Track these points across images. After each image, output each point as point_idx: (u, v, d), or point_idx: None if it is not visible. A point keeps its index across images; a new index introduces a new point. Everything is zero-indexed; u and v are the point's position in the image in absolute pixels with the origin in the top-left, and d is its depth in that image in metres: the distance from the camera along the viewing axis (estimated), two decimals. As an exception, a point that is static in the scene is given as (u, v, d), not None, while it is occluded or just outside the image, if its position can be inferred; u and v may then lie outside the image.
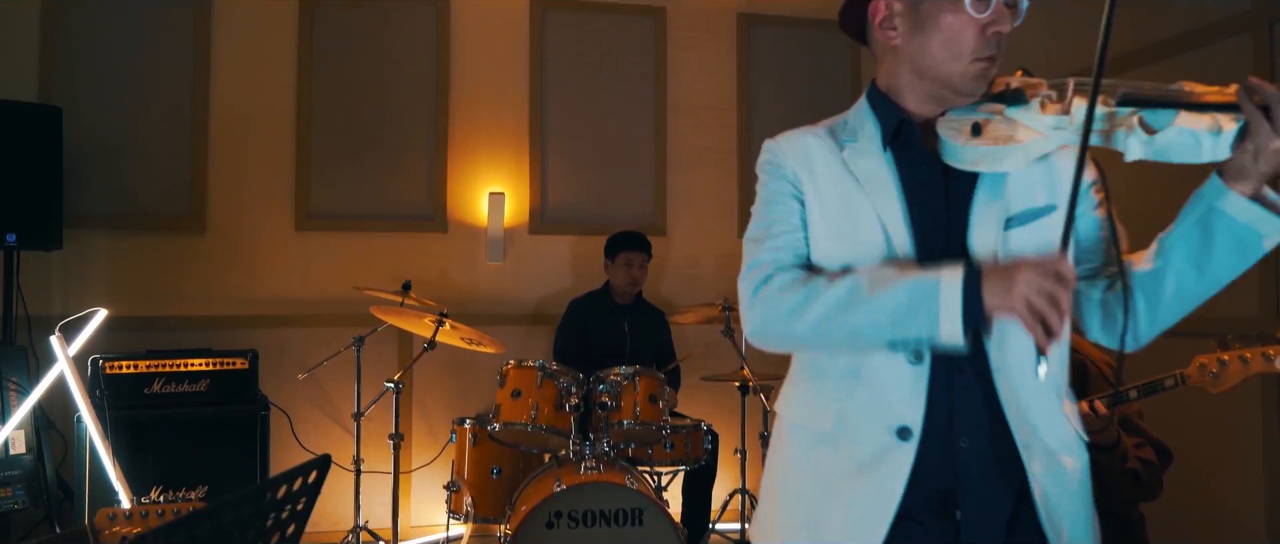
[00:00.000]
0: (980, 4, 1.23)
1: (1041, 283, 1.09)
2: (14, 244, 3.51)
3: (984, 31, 1.24)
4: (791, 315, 1.25)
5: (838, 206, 1.31)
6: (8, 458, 3.35)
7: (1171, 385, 2.05)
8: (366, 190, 4.26)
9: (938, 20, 1.25)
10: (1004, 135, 1.19)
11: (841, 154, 1.33)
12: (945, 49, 1.25)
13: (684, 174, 4.63)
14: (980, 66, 1.25)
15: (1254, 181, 1.15)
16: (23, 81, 3.86)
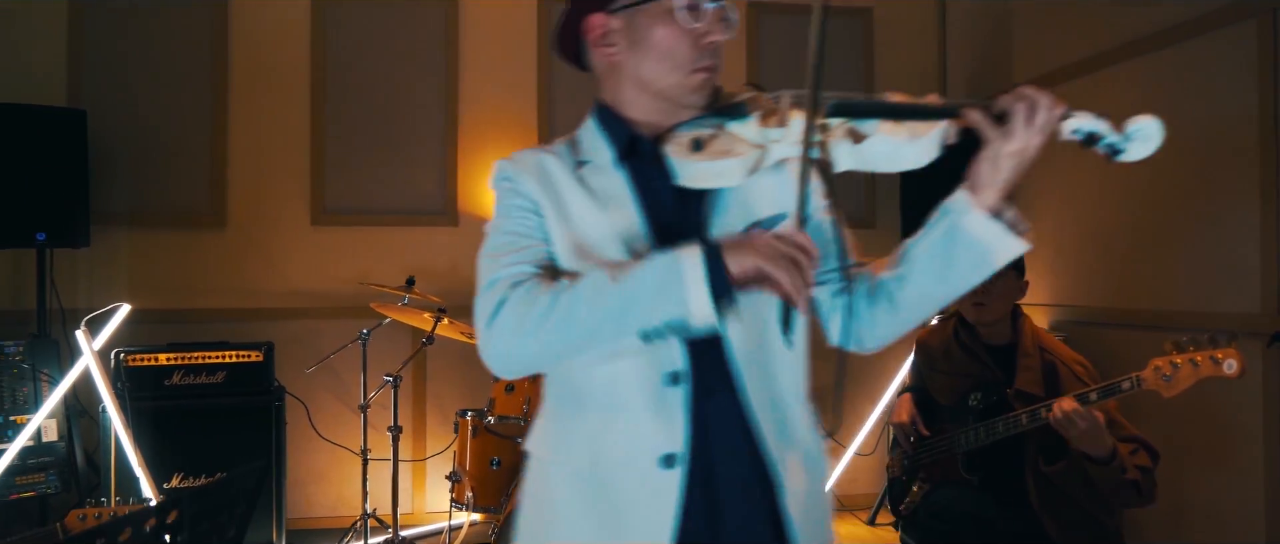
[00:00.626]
0: (692, 14, 1.24)
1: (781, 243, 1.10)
2: (44, 242, 3.69)
3: (699, 42, 1.26)
4: (538, 324, 1.15)
5: (578, 225, 1.27)
6: (40, 445, 3.54)
7: (1128, 388, 2.04)
8: (379, 185, 4.37)
9: (653, 34, 1.26)
10: (722, 150, 1.19)
11: (578, 172, 1.31)
12: (664, 62, 1.26)
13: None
14: (699, 77, 1.26)
15: (994, 191, 1.16)
16: (52, 85, 4.03)
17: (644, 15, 1.26)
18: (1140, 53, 3.31)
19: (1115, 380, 2.11)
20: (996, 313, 2.45)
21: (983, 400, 2.43)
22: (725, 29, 1.29)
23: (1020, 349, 2.41)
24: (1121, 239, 3.45)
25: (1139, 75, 3.35)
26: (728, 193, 1.25)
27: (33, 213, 3.63)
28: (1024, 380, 2.36)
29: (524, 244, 1.26)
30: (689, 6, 1.25)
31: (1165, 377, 2.03)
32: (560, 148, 1.36)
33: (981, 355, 2.50)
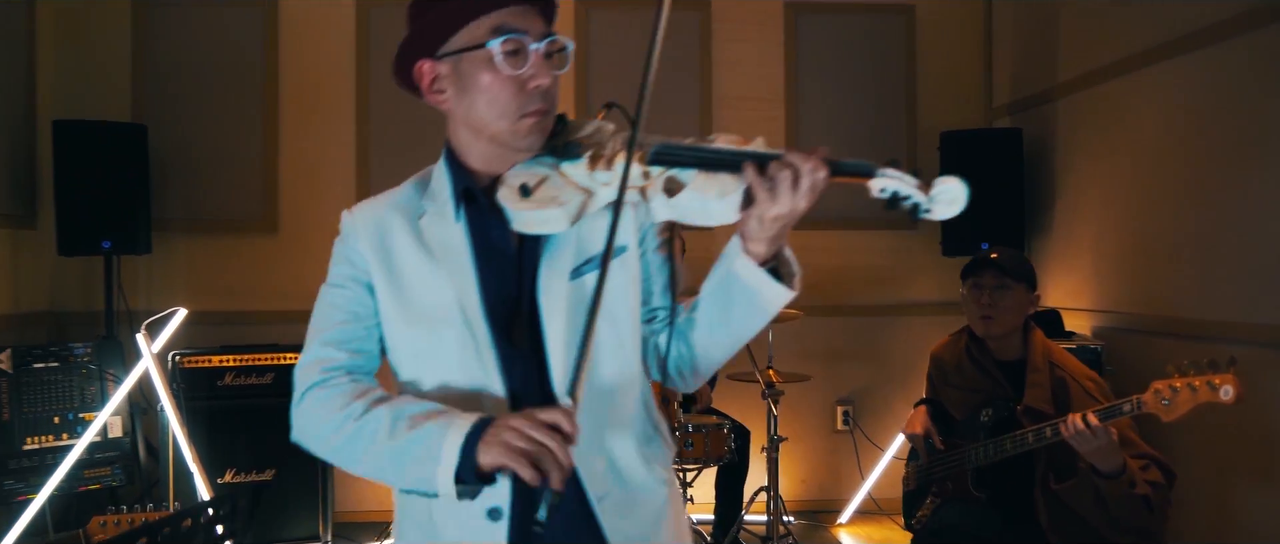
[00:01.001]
0: (513, 61, 1.21)
1: (527, 433, 1.07)
2: (110, 249, 3.92)
3: (525, 88, 1.23)
4: (327, 440, 1.23)
5: (412, 287, 1.27)
6: (107, 440, 3.79)
7: (1129, 410, 2.01)
8: (422, 191, 4.50)
9: (479, 81, 1.23)
10: (549, 196, 1.19)
11: (419, 222, 1.30)
12: (490, 109, 1.24)
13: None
14: (528, 122, 1.23)
15: (763, 244, 1.17)
16: (117, 102, 4.28)
17: (468, 62, 1.23)
18: (1182, 51, 3.20)
19: (1118, 402, 2.08)
20: (1004, 326, 2.42)
21: (993, 416, 2.41)
22: (554, 68, 1.26)
23: (1030, 365, 2.38)
24: (1162, 245, 3.34)
25: (1181, 75, 3.24)
26: (558, 236, 1.25)
27: (99, 222, 3.87)
28: (1033, 397, 2.33)
29: (339, 320, 1.29)
30: (509, 52, 1.21)
31: (1164, 400, 1.99)
32: (408, 192, 1.36)
33: (992, 370, 2.47)
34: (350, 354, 1.27)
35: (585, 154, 1.21)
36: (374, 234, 1.30)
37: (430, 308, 1.25)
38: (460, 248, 1.26)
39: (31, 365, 3.68)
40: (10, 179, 4.00)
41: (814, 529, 4.45)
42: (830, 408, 4.69)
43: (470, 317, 1.23)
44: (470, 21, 1.21)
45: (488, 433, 1.11)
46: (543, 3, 1.27)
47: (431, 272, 1.26)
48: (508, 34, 1.20)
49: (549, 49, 1.24)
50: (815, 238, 4.67)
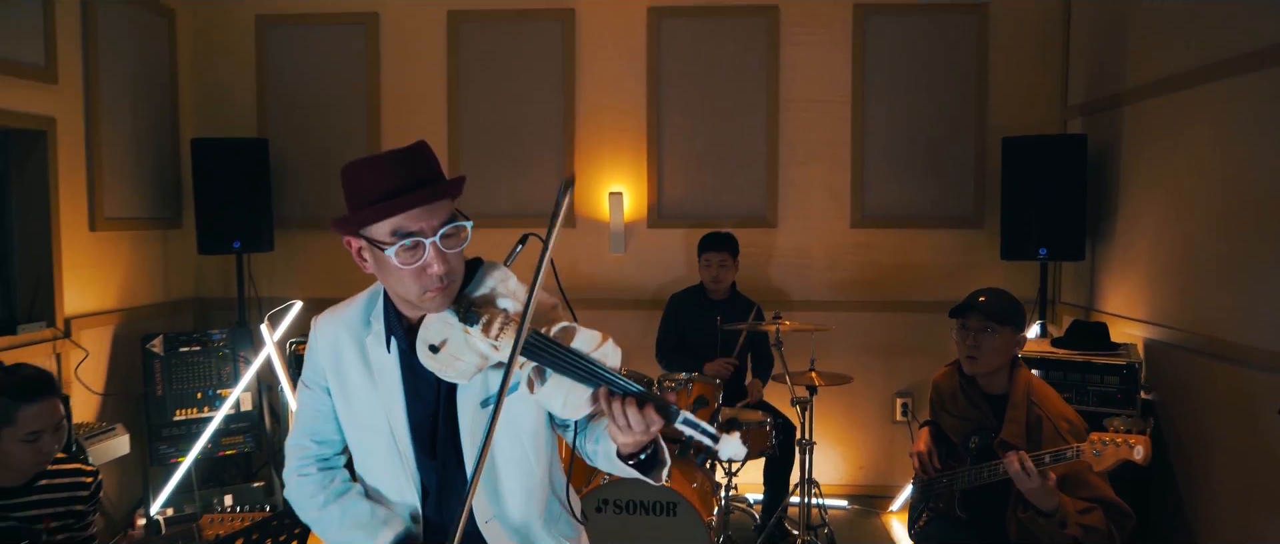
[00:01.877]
0: (410, 255, 1.42)
1: None
2: (239, 249, 4.55)
3: (424, 272, 1.43)
4: (300, 508, 1.66)
5: (355, 397, 1.58)
6: (240, 413, 4.45)
7: (1071, 456, 2.20)
8: (506, 191, 4.93)
9: (386, 265, 1.44)
10: (453, 356, 1.43)
11: (365, 342, 1.58)
12: (398, 287, 1.47)
13: (797, 167, 4.83)
14: (429, 296, 1.45)
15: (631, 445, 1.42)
16: (245, 119, 4.90)
17: (377, 251, 1.45)
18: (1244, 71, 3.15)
19: (1062, 448, 2.26)
20: (988, 366, 2.58)
21: (979, 444, 2.60)
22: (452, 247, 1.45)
23: (1011, 400, 2.54)
24: (1212, 265, 3.34)
25: (1241, 94, 3.18)
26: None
27: (230, 225, 4.49)
28: (1008, 431, 2.50)
29: (309, 417, 1.67)
30: (407, 249, 1.41)
31: (1096, 452, 2.18)
32: (360, 310, 1.63)
33: (980, 402, 2.65)
34: (319, 445, 1.68)
35: (481, 319, 1.45)
36: (330, 350, 1.63)
37: (366, 419, 1.60)
38: (393, 373, 1.58)
39: (179, 349, 4.36)
40: (159, 188, 4.68)
41: (866, 515, 4.68)
42: (889, 400, 4.87)
43: (397, 433, 1.58)
44: (375, 222, 1.42)
45: None
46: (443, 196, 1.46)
47: (370, 388, 1.59)
48: (404, 237, 1.41)
49: (444, 239, 1.44)
50: (878, 235, 4.82)
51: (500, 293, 1.51)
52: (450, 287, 1.47)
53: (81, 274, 4.09)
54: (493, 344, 1.42)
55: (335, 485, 1.65)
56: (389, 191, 1.40)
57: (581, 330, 1.42)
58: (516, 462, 1.58)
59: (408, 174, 1.42)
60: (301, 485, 1.64)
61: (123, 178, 4.38)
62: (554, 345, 1.39)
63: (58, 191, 3.92)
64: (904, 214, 4.82)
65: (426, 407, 1.58)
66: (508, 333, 1.41)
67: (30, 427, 2.17)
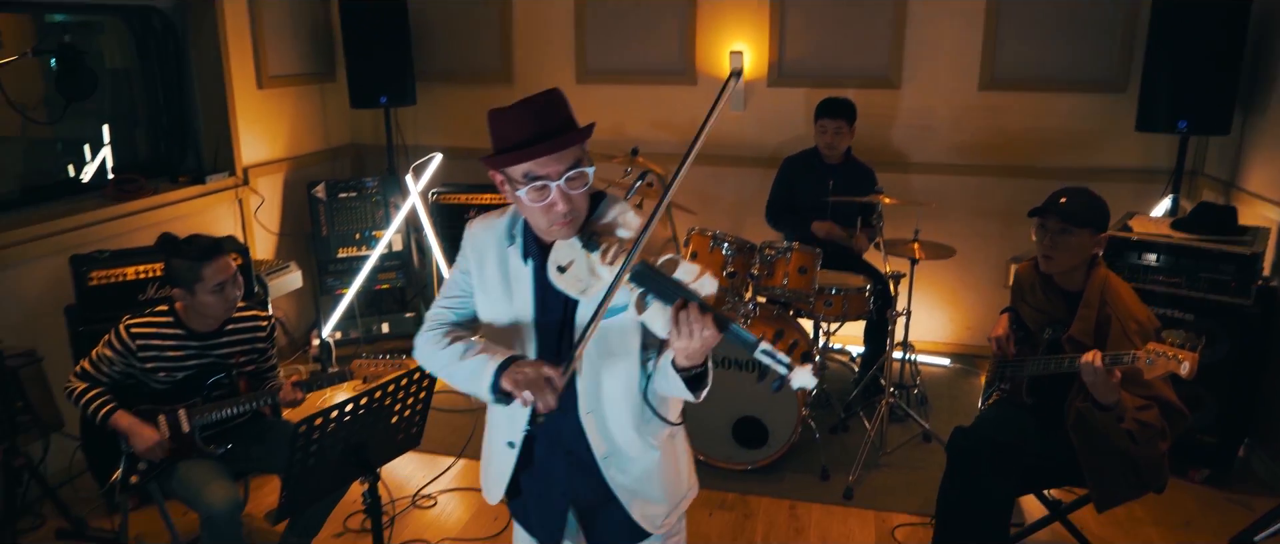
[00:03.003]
0: (538, 195, 1.62)
1: (527, 375, 1.65)
2: (385, 103, 4.95)
3: (550, 210, 1.63)
4: (428, 359, 1.88)
5: (493, 296, 1.84)
6: (391, 253, 5.01)
7: (1128, 361, 2.29)
8: (630, 49, 5.05)
9: (520, 199, 1.67)
10: (576, 278, 1.64)
11: (507, 250, 1.80)
12: (530, 218, 1.71)
13: (925, 25, 4.68)
14: (556, 229, 1.67)
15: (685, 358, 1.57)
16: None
17: (512, 187, 1.67)
18: None
19: (1121, 352, 2.34)
20: (1062, 265, 2.62)
21: (1051, 335, 2.69)
22: (575, 188, 1.63)
23: (1083, 299, 2.60)
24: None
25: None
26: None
27: (377, 81, 4.88)
28: (1077, 328, 2.57)
29: (451, 293, 1.92)
30: (533, 188, 1.61)
31: (1149, 360, 2.25)
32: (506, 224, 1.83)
33: (1056, 297, 2.71)
34: (452, 311, 1.97)
35: (600, 247, 1.65)
36: (477, 251, 1.87)
37: (499, 316, 1.86)
38: (527, 283, 1.81)
39: (338, 195, 4.90)
40: (315, 46, 5.10)
41: (966, 375, 4.84)
42: (1003, 264, 4.88)
43: (525, 334, 1.85)
44: (510, 166, 1.65)
45: (511, 367, 1.71)
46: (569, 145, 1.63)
47: (505, 292, 1.83)
48: (533, 181, 1.62)
49: (568, 182, 1.63)
50: (1008, 98, 4.67)
51: (619, 224, 1.74)
52: (573, 221, 1.67)
53: (253, 128, 4.62)
54: (608, 266, 1.64)
55: (459, 333, 1.94)
56: (520, 141, 1.61)
57: (684, 263, 1.60)
58: (617, 370, 1.82)
59: (538, 125, 1.62)
60: (430, 336, 1.93)
61: (284, 37, 4.80)
62: (658, 274, 1.57)
63: (228, 54, 4.38)
64: (1037, 76, 4.62)
65: (553, 314, 1.82)
66: (619, 258, 1.62)
67: (215, 280, 2.66)
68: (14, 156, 4.01)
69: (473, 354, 1.80)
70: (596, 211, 1.77)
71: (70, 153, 4.27)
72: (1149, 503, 3.35)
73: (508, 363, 1.73)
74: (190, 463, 2.68)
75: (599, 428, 1.86)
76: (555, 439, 1.89)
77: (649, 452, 1.89)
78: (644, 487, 1.90)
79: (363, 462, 2.31)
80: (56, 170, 4.26)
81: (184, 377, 2.70)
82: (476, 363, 1.77)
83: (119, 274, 3.31)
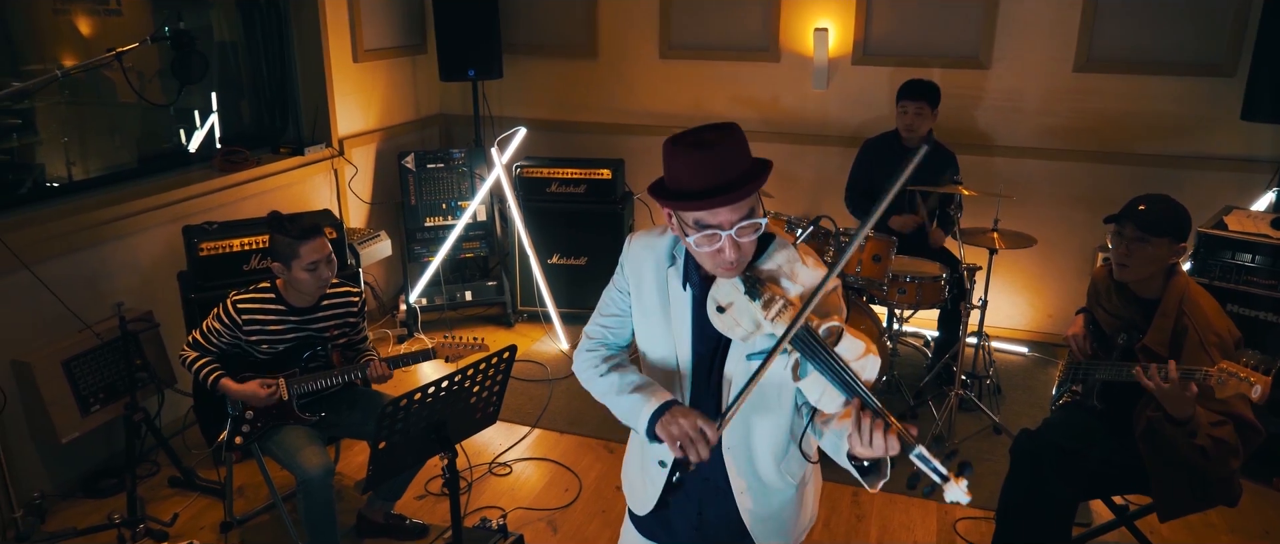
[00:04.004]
0: (708, 241, 1.59)
1: (682, 428, 1.65)
2: (473, 77, 5.10)
3: (717, 256, 1.60)
4: (586, 381, 1.92)
5: (650, 315, 1.82)
6: (476, 223, 5.19)
7: (1200, 377, 2.26)
8: (714, 25, 5.05)
9: (689, 240, 1.64)
10: (734, 321, 1.63)
11: (667, 272, 1.78)
12: (697, 256, 1.68)
13: (1019, 3, 4.54)
14: (723, 271, 1.64)
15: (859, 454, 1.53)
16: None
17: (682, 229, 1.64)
18: None
19: (1192, 367, 2.29)
20: (1139, 273, 2.56)
21: (1125, 342, 2.65)
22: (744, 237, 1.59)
23: (1161, 308, 2.54)
24: None
25: None
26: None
27: (465, 54, 5.02)
28: (1152, 338, 2.52)
29: (609, 311, 1.93)
30: (701, 236, 1.59)
31: (1220, 380, 2.20)
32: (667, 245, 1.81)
33: (1132, 303, 2.65)
34: (609, 332, 2.00)
35: (763, 297, 1.61)
36: (636, 268, 1.86)
37: (656, 336, 1.85)
38: (685, 309, 1.79)
39: (427, 166, 5.08)
40: (407, 19, 5.26)
41: (1044, 363, 4.77)
42: (1090, 252, 4.76)
43: (681, 358, 1.86)
44: (683, 211, 1.61)
45: (666, 415, 1.70)
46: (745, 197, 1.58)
47: (662, 314, 1.82)
48: (704, 229, 1.59)
49: (739, 231, 1.58)
50: (1104, 81, 4.52)
51: (784, 273, 1.69)
52: (739, 265, 1.65)
53: (349, 100, 4.82)
54: (769, 321, 1.63)
55: (616, 359, 1.98)
56: (696, 191, 1.57)
57: (848, 337, 1.58)
58: (766, 420, 1.86)
59: (718, 176, 1.57)
60: (588, 358, 1.97)
61: (376, 14, 4.97)
62: (819, 345, 1.55)
63: (327, 29, 4.57)
64: (1137, 58, 4.44)
65: (708, 345, 1.83)
66: (783, 317, 1.61)
67: (310, 259, 2.83)
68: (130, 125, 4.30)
69: (629, 391, 1.82)
70: (762, 255, 1.73)
71: (182, 121, 4.55)
72: (1225, 510, 3.29)
73: (663, 409, 1.74)
74: (288, 428, 2.91)
75: (738, 464, 1.88)
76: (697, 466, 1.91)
77: (787, 489, 1.92)
78: (774, 522, 1.94)
79: (443, 439, 2.48)
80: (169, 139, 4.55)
81: (284, 348, 2.91)
82: (632, 402, 1.79)
83: (226, 246, 3.55)
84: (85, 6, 3.94)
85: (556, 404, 4.19)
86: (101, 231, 3.55)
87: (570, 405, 4.19)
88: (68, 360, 3.31)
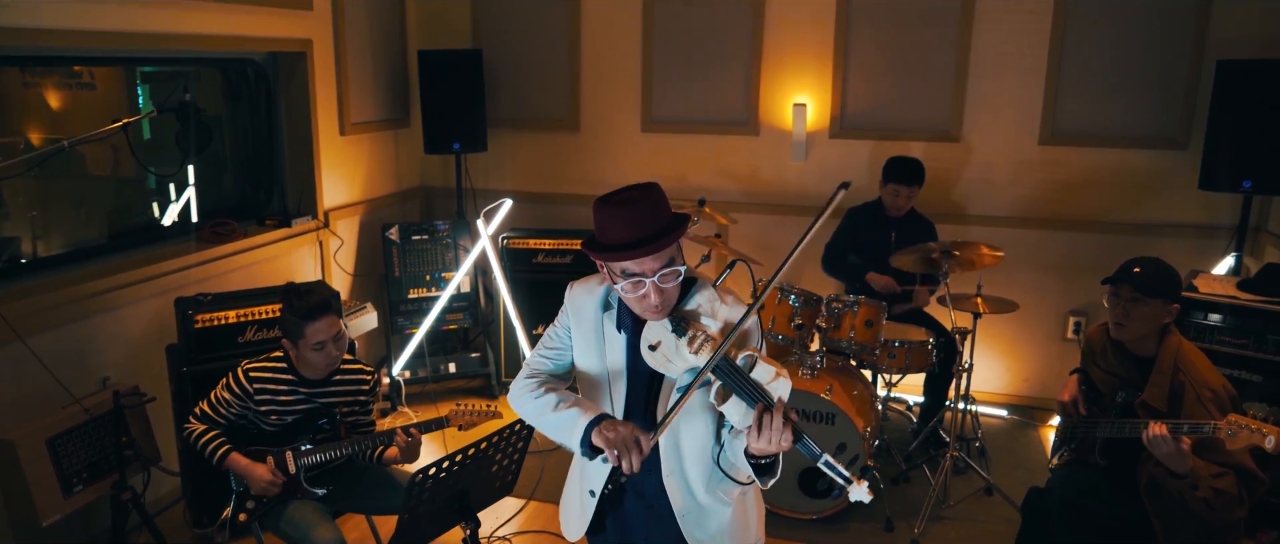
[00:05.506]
0: (631, 286, 1.81)
1: (620, 433, 1.79)
2: (458, 150, 5.15)
3: (644, 301, 1.81)
4: (519, 402, 2.04)
5: (588, 352, 2.00)
6: (459, 294, 5.17)
7: (1207, 431, 2.35)
8: (694, 99, 5.21)
9: (618, 287, 1.85)
10: (664, 358, 1.83)
11: (603, 315, 1.97)
12: (627, 301, 1.88)
13: (986, 80, 4.78)
14: (650, 314, 1.85)
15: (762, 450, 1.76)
16: (460, 33, 5.40)
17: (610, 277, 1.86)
18: None
19: (1200, 421, 2.40)
20: (1135, 333, 2.69)
21: (1124, 399, 2.76)
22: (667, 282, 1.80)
23: (1156, 366, 2.66)
24: None
25: None
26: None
27: (450, 128, 5.08)
28: (1150, 395, 2.64)
29: (552, 345, 2.09)
30: (627, 283, 1.80)
31: (1231, 432, 2.31)
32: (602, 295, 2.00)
33: (1128, 361, 2.77)
34: (549, 361, 2.12)
35: (687, 334, 1.83)
36: (577, 309, 2.05)
37: (592, 372, 2.03)
38: (619, 349, 1.98)
39: (411, 237, 5.08)
40: (392, 93, 5.33)
41: (1024, 426, 4.87)
42: (1062, 317, 4.93)
43: (614, 394, 2.00)
44: (610, 261, 1.82)
45: (603, 423, 1.85)
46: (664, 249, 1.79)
47: (598, 353, 2.00)
48: (629, 276, 1.80)
49: (661, 278, 1.80)
50: (1068, 153, 4.75)
51: (706, 312, 1.89)
52: (664, 308, 1.86)
53: (335, 172, 4.83)
54: (693, 355, 1.82)
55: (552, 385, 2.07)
56: (621, 243, 1.78)
57: (762, 363, 1.79)
58: (695, 438, 1.99)
59: (639, 230, 1.78)
60: (527, 384, 2.08)
61: (364, 87, 5.03)
62: (737, 372, 1.77)
63: (316, 103, 4.60)
64: (1097, 132, 4.69)
65: (641, 381, 1.99)
66: (705, 350, 1.82)
67: (317, 338, 2.79)
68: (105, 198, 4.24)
69: (565, 406, 1.95)
70: (687, 297, 1.92)
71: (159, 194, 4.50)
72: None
73: (599, 420, 1.87)
74: (297, 503, 2.83)
75: (679, 487, 2.01)
76: (638, 492, 2.05)
77: (723, 508, 2.04)
78: (718, 541, 2.05)
79: (465, 508, 2.45)
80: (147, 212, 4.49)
81: (293, 420, 2.86)
82: (568, 416, 1.92)
83: (221, 317, 3.49)
84: (57, 80, 3.92)
85: (550, 477, 4.14)
86: (85, 306, 3.47)
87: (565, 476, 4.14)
88: (52, 438, 3.18)
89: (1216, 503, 2.49)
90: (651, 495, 2.03)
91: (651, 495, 2.03)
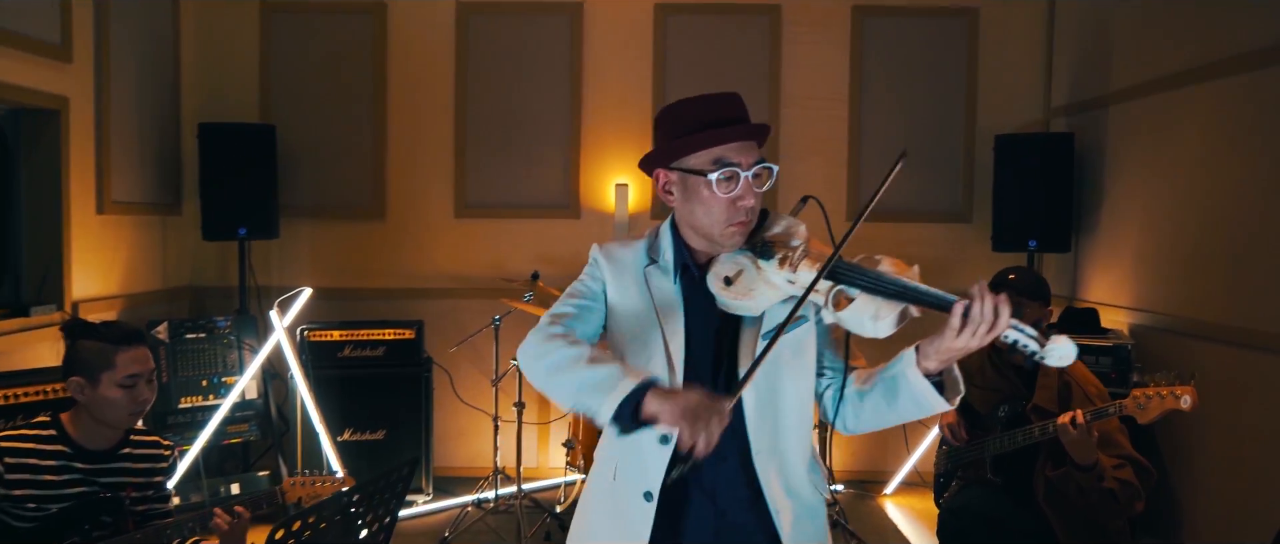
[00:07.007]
0: (727, 185, 1.52)
1: (690, 404, 1.35)
2: (244, 236, 4.52)
3: (733, 204, 1.53)
4: (539, 356, 1.54)
5: (634, 316, 1.62)
6: (244, 402, 4.40)
7: (1113, 412, 2.37)
8: (511, 183, 4.98)
9: (699, 194, 1.54)
10: (745, 289, 1.51)
11: (645, 271, 1.64)
12: (706, 217, 1.55)
13: (797, 162, 4.99)
14: (733, 229, 1.55)
15: (937, 363, 1.43)
16: (247, 106, 4.87)
17: (693, 179, 1.55)
18: (1227, 74, 3.40)
19: (1103, 406, 2.44)
20: None
21: (1008, 412, 2.77)
22: (759, 186, 1.55)
23: (1041, 369, 2.72)
24: (1198, 253, 3.58)
25: (1224, 97, 3.44)
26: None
27: (237, 212, 4.46)
28: (1041, 397, 2.68)
29: (581, 292, 1.66)
30: (725, 179, 1.52)
31: (1140, 405, 2.36)
32: (638, 248, 1.68)
33: (1008, 374, 2.82)
34: (578, 314, 1.64)
35: (777, 255, 1.50)
36: (614, 265, 1.67)
37: (641, 336, 1.60)
38: (676, 305, 1.60)
39: (184, 336, 4.30)
40: (160, 173, 4.62)
41: (861, 498, 4.85)
42: (882, 387, 5.04)
43: (673, 357, 1.58)
44: (699, 151, 1.53)
45: (662, 392, 1.39)
46: (758, 137, 1.57)
47: (648, 311, 1.60)
48: (725, 166, 1.52)
49: (756, 177, 1.55)
50: (871, 229, 4.96)
51: (793, 234, 1.59)
52: (750, 223, 1.58)
53: (88, 258, 4.02)
54: (789, 277, 1.48)
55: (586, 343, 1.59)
56: (715, 123, 1.52)
57: (885, 260, 1.47)
58: (792, 394, 1.59)
59: (730, 111, 1.54)
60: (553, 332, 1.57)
61: (129, 161, 4.32)
62: (860, 268, 1.44)
63: (68, 172, 3.85)
64: (895, 208, 5.01)
65: (705, 336, 1.60)
66: (805, 265, 1.47)
67: (127, 370, 2.19)
68: None
69: (606, 361, 1.48)
70: (764, 223, 1.64)
71: None
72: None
73: (653, 383, 1.42)
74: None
75: (776, 473, 1.57)
76: (707, 492, 1.58)
77: (820, 504, 1.63)
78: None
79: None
80: None
81: (59, 510, 2.13)
82: (608, 371, 1.44)
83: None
84: None
85: None
86: None
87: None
88: None
89: (1121, 494, 2.50)
90: (724, 493, 1.57)
91: (724, 493, 1.57)
